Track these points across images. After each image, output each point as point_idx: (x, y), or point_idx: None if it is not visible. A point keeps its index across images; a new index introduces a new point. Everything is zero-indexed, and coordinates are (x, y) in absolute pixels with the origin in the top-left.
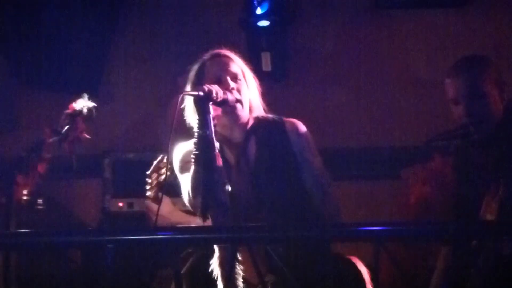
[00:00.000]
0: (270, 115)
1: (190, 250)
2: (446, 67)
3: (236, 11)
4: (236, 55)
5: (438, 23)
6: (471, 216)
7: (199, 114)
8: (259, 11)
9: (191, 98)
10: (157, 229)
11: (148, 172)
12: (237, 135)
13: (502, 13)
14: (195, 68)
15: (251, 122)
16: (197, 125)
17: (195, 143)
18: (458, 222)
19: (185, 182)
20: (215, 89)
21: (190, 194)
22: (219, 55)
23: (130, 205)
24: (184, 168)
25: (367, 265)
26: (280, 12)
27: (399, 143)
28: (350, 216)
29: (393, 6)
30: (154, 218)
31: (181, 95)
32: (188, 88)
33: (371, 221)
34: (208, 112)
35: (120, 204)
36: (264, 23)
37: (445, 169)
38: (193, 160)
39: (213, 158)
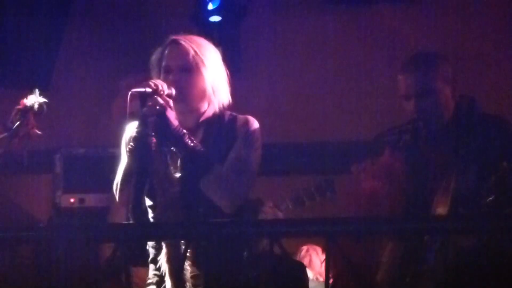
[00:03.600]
0: (227, 112)
1: None
2: (396, 63)
3: (188, 7)
4: (195, 41)
5: (388, 20)
6: (422, 211)
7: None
8: (210, 6)
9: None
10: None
11: None
12: (189, 123)
13: (451, 11)
14: (157, 52)
15: (208, 114)
16: (140, 122)
17: (134, 138)
18: (410, 218)
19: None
20: (160, 84)
21: (118, 185)
22: (175, 42)
23: (82, 200)
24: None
25: None
26: (231, 7)
27: (349, 137)
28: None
29: (343, 2)
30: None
31: (129, 92)
32: (152, 72)
33: (321, 217)
34: None
35: (72, 200)
36: (215, 18)
37: (394, 164)
38: (128, 153)
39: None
